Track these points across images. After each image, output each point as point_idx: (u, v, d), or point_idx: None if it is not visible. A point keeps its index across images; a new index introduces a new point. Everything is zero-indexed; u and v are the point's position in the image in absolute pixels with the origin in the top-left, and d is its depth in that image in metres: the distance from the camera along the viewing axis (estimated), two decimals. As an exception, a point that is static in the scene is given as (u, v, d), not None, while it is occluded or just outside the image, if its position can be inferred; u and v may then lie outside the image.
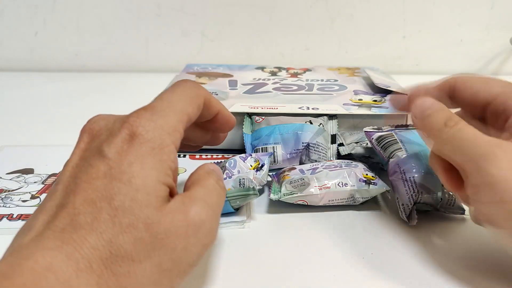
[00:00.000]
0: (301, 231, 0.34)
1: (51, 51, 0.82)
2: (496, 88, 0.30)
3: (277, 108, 0.47)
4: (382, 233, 0.34)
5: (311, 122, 0.44)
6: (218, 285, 0.29)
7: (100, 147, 0.23)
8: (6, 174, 0.43)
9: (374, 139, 0.40)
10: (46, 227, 0.21)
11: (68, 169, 0.24)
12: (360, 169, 0.37)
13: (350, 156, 0.43)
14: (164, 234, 0.22)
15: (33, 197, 0.39)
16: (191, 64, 0.69)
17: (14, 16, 0.79)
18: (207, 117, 0.30)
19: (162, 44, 0.81)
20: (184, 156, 0.46)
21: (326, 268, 0.30)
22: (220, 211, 0.26)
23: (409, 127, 0.41)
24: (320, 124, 0.45)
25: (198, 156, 0.46)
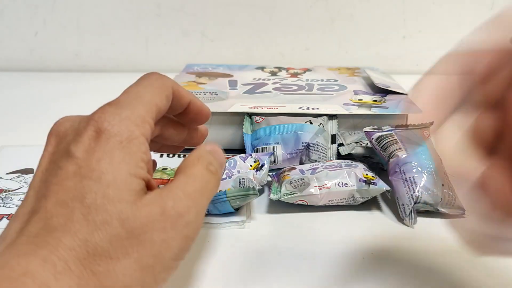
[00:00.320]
0: (301, 231, 0.34)
1: (51, 51, 0.82)
2: None
3: (277, 108, 0.47)
4: (382, 233, 0.34)
5: (311, 122, 0.44)
6: (218, 285, 0.29)
7: (67, 148, 0.23)
8: (6, 174, 0.43)
9: (374, 139, 0.40)
10: (20, 234, 0.20)
11: (38, 174, 0.23)
12: (360, 169, 0.37)
13: (350, 156, 0.43)
14: (141, 229, 0.21)
15: (33, 197, 0.39)
16: (191, 64, 0.69)
17: (14, 16, 0.79)
18: (178, 108, 0.29)
19: (162, 44, 0.81)
20: (184, 156, 0.46)
21: (326, 268, 0.30)
22: (204, 200, 0.24)
23: (409, 127, 0.41)
24: (320, 124, 0.45)
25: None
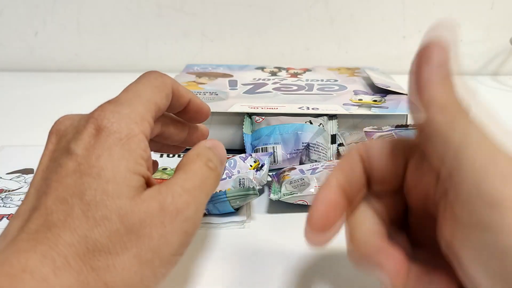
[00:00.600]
0: (301, 231, 0.34)
1: (51, 51, 0.82)
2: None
3: (277, 108, 0.47)
4: (382, 233, 0.34)
5: (311, 122, 0.44)
6: (217, 284, 0.29)
7: (67, 145, 0.23)
8: (6, 174, 0.43)
9: (374, 139, 0.40)
10: (20, 231, 0.21)
11: (39, 172, 0.23)
12: (360, 169, 0.37)
13: (350, 156, 0.43)
14: (139, 224, 0.21)
15: (33, 197, 0.39)
16: (191, 64, 0.69)
17: (14, 16, 0.79)
18: (178, 107, 0.29)
19: (162, 44, 0.81)
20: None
21: (326, 268, 0.30)
22: (204, 196, 0.25)
23: (409, 127, 0.41)
24: (320, 124, 0.45)
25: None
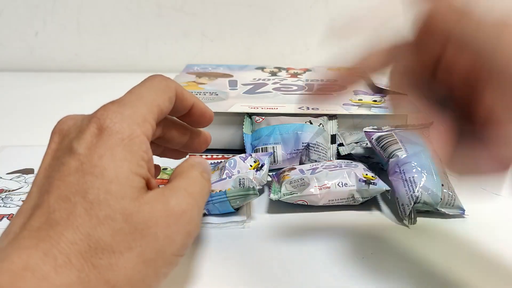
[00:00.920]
0: (301, 231, 0.35)
1: (51, 51, 0.82)
2: None
3: (277, 108, 0.47)
4: (382, 233, 0.34)
5: (311, 122, 0.44)
6: (217, 284, 0.29)
7: (70, 144, 0.23)
8: (7, 174, 0.43)
9: (374, 139, 0.40)
10: (22, 228, 0.21)
11: (41, 170, 0.24)
12: (360, 169, 0.37)
13: (350, 156, 0.43)
14: (144, 224, 0.22)
15: (33, 197, 0.39)
16: (191, 64, 0.69)
17: (14, 16, 0.79)
18: (181, 110, 0.29)
19: (162, 44, 0.81)
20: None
21: (326, 268, 0.30)
22: (203, 201, 0.26)
23: (409, 127, 0.41)
24: (320, 124, 0.45)
25: (198, 155, 0.46)
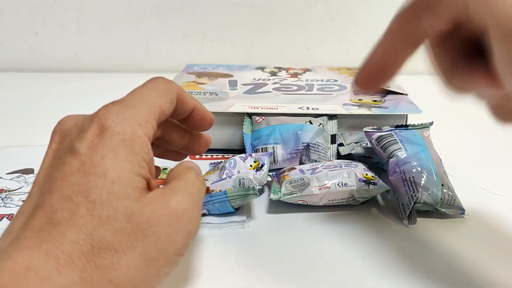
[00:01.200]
0: (301, 231, 0.34)
1: (51, 51, 0.82)
2: None
3: (277, 108, 0.47)
4: (382, 233, 0.34)
5: (311, 122, 0.44)
6: (217, 284, 0.29)
7: (71, 144, 0.23)
8: (7, 174, 0.43)
9: (374, 139, 0.40)
10: (24, 228, 0.21)
11: (42, 170, 0.24)
12: (360, 169, 0.37)
13: (350, 156, 0.43)
14: (146, 224, 0.22)
15: (33, 197, 0.39)
16: (191, 64, 0.69)
17: (14, 16, 0.79)
18: (182, 113, 0.29)
19: (162, 44, 0.81)
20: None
21: (326, 268, 0.30)
22: (201, 202, 0.26)
23: (409, 127, 0.41)
24: (320, 124, 0.45)
25: (198, 157, 0.46)
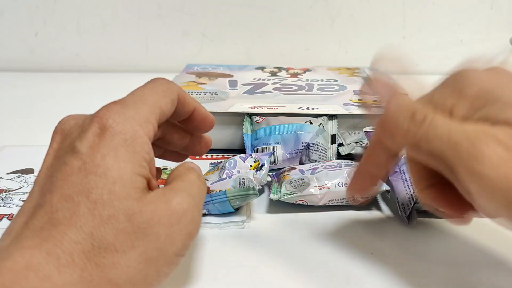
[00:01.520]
0: (301, 231, 0.34)
1: (51, 51, 0.82)
2: None
3: (277, 108, 0.47)
4: (382, 233, 0.34)
5: (311, 122, 0.44)
6: (217, 285, 0.29)
7: (72, 144, 0.23)
8: (7, 174, 0.43)
9: (374, 139, 0.40)
10: (25, 227, 0.21)
11: (43, 170, 0.24)
12: (360, 169, 0.37)
13: (350, 156, 0.43)
14: (147, 224, 0.22)
15: (33, 197, 0.39)
16: (191, 64, 0.69)
17: (14, 16, 0.79)
18: (183, 114, 0.29)
19: (162, 44, 0.81)
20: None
21: (326, 268, 0.30)
22: (201, 203, 0.26)
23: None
24: (320, 124, 0.45)
25: (198, 157, 0.46)
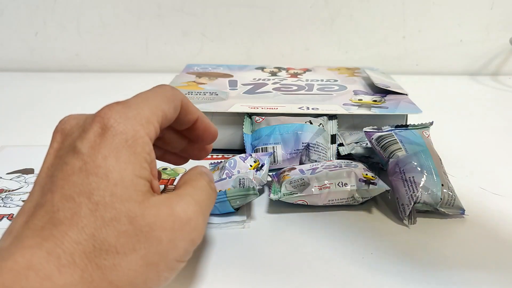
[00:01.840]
0: (301, 231, 0.35)
1: (51, 51, 0.82)
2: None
3: (277, 108, 0.47)
4: (382, 233, 0.34)
5: (311, 122, 0.44)
6: (217, 285, 0.29)
7: (73, 144, 0.23)
8: (7, 174, 0.43)
9: (374, 139, 0.40)
10: (25, 227, 0.21)
11: (44, 170, 0.23)
12: (360, 169, 0.37)
13: (350, 156, 0.43)
14: (149, 227, 0.22)
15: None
16: (191, 64, 0.69)
17: (14, 16, 0.79)
18: (186, 123, 0.29)
19: (162, 44, 0.81)
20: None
21: (326, 268, 0.30)
22: (208, 210, 0.26)
23: (409, 127, 0.41)
24: (320, 124, 0.45)
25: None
